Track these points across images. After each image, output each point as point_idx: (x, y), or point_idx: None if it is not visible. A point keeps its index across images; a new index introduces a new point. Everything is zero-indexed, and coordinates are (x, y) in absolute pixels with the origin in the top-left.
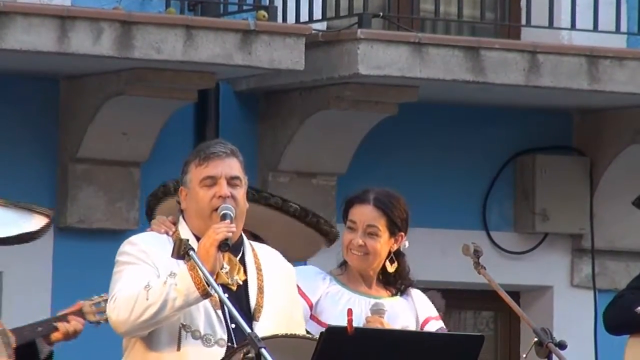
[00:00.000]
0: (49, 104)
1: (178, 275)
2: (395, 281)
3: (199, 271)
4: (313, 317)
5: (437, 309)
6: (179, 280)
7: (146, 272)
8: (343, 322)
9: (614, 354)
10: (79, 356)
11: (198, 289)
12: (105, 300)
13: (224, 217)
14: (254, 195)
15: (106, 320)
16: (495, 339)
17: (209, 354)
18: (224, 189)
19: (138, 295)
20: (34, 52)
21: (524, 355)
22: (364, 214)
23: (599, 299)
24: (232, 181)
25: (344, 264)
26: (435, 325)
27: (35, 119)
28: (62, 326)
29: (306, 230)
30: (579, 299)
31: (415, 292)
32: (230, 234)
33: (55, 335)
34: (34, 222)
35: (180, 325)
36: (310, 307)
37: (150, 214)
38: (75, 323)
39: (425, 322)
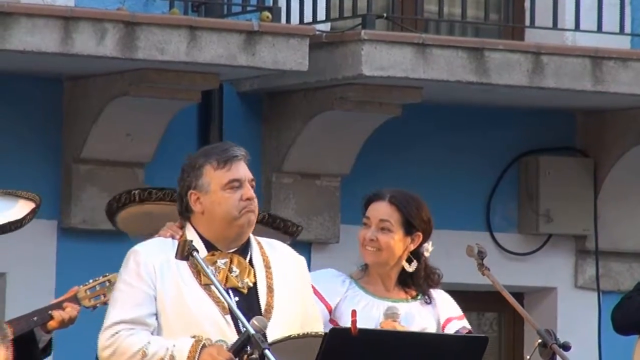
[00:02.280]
0: (52, 104)
1: (176, 358)
2: (412, 283)
3: None
4: (332, 321)
5: None
6: None
7: (141, 300)
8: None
9: (618, 355)
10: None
11: None
12: (100, 284)
13: (247, 340)
14: None
15: (102, 303)
16: (499, 341)
17: None
18: (250, 191)
19: (133, 356)
20: (38, 53)
21: (528, 357)
22: (378, 209)
23: (602, 301)
24: (251, 183)
25: (364, 267)
26: (457, 325)
27: (38, 120)
28: (57, 314)
29: (272, 232)
30: (583, 300)
31: (437, 293)
32: None
33: (51, 324)
34: (18, 208)
35: (192, 337)
36: (330, 311)
37: (111, 218)
38: (70, 310)
39: (447, 322)
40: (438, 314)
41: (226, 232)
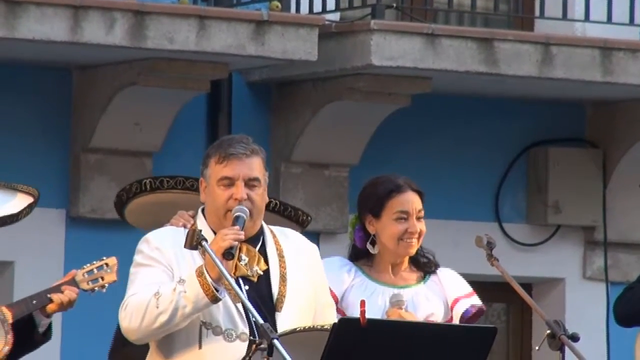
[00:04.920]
0: (61, 94)
1: (187, 282)
2: (418, 264)
3: (207, 276)
4: (339, 311)
5: None
6: (187, 288)
7: (158, 276)
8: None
9: (626, 346)
10: (90, 333)
11: (207, 295)
12: (98, 268)
13: (236, 219)
14: None
15: (100, 287)
16: (507, 331)
17: (231, 349)
18: (240, 192)
19: (149, 303)
20: (47, 42)
21: (537, 348)
22: (412, 201)
23: (611, 291)
24: (250, 182)
25: (371, 255)
26: (465, 304)
27: (47, 109)
28: (56, 297)
29: (283, 221)
30: (591, 291)
31: (443, 272)
32: (236, 243)
33: (50, 307)
34: (16, 202)
35: (201, 323)
36: (336, 301)
37: (120, 208)
38: (69, 292)
39: (454, 303)
40: (445, 295)
41: (219, 226)
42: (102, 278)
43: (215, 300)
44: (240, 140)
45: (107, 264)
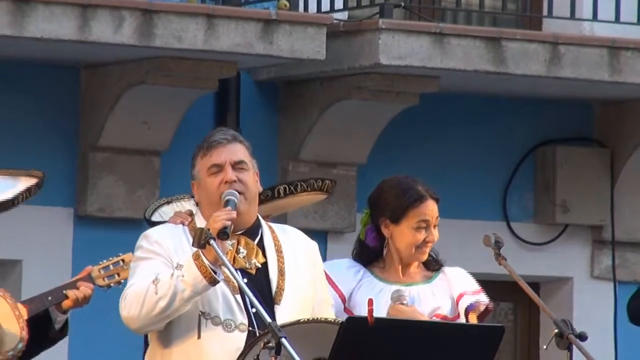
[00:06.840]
0: (69, 92)
1: (184, 266)
2: (426, 263)
3: (204, 258)
4: (347, 310)
5: None
6: (185, 272)
7: (158, 267)
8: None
9: (633, 345)
10: (105, 337)
11: (205, 277)
12: (114, 264)
13: (227, 203)
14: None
15: (116, 283)
16: (514, 330)
17: (230, 339)
18: (229, 174)
19: (147, 290)
20: (55, 41)
21: (545, 347)
22: (433, 210)
23: (619, 291)
24: (237, 165)
25: (382, 256)
26: (470, 299)
27: (55, 108)
28: (71, 293)
29: (301, 199)
30: (599, 291)
31: (451, 271)
32: (229, 223)
33: (66, 303)
34: (19, 187)
35: (200, 313)
36: (343, 300)
37: None
38: (84, 288)
39: (459, 297)
40: (452, 292)
41: None
42: (118, 274)
43: (213, 282)
44: (219, 130)
45: (123, 260)
